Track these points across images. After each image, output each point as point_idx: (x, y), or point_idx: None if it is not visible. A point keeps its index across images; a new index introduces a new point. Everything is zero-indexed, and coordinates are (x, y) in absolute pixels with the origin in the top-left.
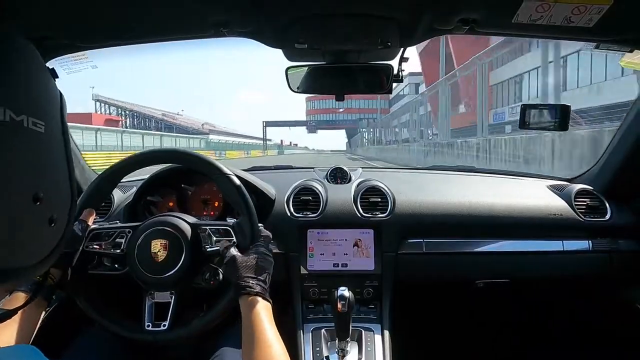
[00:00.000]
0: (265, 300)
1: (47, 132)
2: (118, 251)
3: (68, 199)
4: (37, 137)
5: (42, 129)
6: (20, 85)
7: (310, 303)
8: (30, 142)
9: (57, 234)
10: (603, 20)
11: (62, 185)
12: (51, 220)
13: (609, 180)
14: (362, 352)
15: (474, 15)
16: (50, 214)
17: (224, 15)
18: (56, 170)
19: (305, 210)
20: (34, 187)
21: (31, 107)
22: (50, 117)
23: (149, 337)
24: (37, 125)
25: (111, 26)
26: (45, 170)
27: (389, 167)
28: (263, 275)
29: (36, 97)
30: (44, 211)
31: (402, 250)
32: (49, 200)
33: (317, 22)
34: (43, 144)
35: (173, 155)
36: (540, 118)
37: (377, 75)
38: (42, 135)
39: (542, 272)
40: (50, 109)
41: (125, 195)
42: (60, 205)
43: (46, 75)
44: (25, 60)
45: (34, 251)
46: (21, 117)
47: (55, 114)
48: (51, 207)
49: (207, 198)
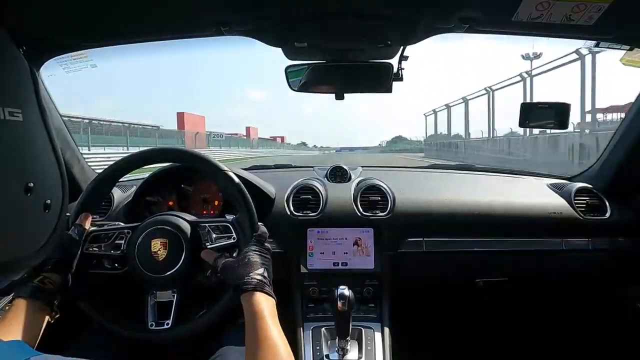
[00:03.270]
0: (265, 294)
1: (26, 119)
2: (117, 252)
3: (59, 181)
4: (17, 127)
5: (20, 117)
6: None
7: (310, 302)
8: (11, 134)
9: (52, 219)
10: (603, 18)
11: (51, 169)
12: (46, 206)
13: (609, 178)
14: (362, 350)
15: (474, 14)
16: (43, 201)
17: (223, 14)
18: (43, 156)
19: (305, 209)
20: (23, 178)
21: (4, 97)
22: (26, 102)
23: (154, 336)
24: (14, 115)
25: (111, 25)
26: (32, 159)
27: (388, 166)
28: (259, 270)
29: (7, 82)
30: (37, 199)
31: (402, 249)
32: (41, 188)
33: (317, 21)
34: (24, 132)
35: (173, 154)
36: (540, 116)
37: (377, 74)
38: (22, 123)
39: (542, 271)
40: (24, 91)
41: (124, 195)
42: (52, 190)
43: (13, 51)
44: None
45: (32, 240)
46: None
47: (30, 95)
48: (44, 194)
49: (206, 197)
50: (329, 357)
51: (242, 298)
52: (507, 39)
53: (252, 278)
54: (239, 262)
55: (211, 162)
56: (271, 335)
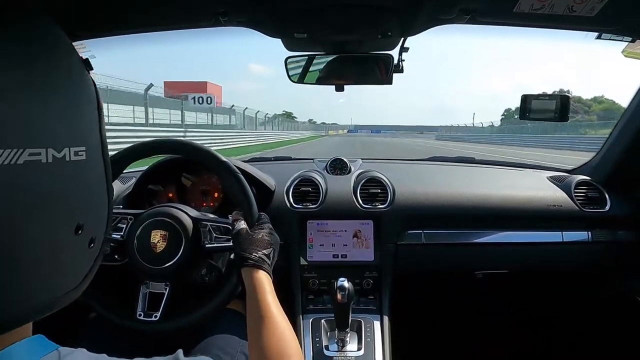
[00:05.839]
0: (267, 274)
1: (88, 158)
2: (118, 236)
3: (105, 217)
4: (80, 167)
5: (83, 155)
6: (60, 103)
7: (310, 294)
8: (73, 175)
9: (94, 253)
10: (605, 9)
11: (102, 207)
12: (91, 241)
13: (608, 171)
14: (362, 342)
15: (475, 5)
16: (90, 237)
17: (222, 4)
18: (97, 194)
19: (305, 201)
20: (76, 218)
21: (72, 135)
22: (90, 138)
23: (139, 326)
24: (78, 154)
25: (110, 16)
26: (88, 198)
27: (388, 159)
28: (268, 250)
29: (76, 117)
30: (85, 238)
31: (402, 241)
32: (90, 225)
33: (317, 11)
34: (85, 172)
35: (173, 146)
36: (541, 108)
37: (377, 65)
38: (84, 162)
39: (541, 263)
40: (89, 124)
41: (124, 186)
42: (99, 226)
43: (83, 75)
44: (69, 69)
45: (76, 275)
46: (63, 151)
47: (94, 127)
48: (91, 231)
49: (206, 189)
50: (329, 348)
51: (244, 271)
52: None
53: (259, 257)
54: (252, 236)
55: (211, 154)
56: (272, 309)
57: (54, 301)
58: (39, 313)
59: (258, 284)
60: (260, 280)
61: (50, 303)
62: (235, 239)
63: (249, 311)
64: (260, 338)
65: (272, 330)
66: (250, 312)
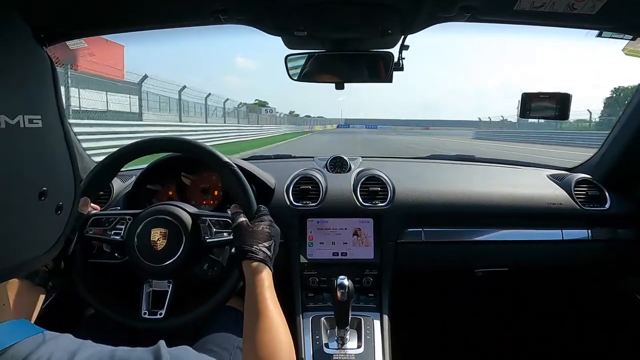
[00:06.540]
0: (267, 267)
1: (45, 126)
2: (117, 237)
3: (72, 184)
4: (36, 134)
5: (39, 123)
6: (14, 78)
7: (309, 292)
8: (30, 142)
9: (62, 221)
10: (606, 7)
11: (66, 173)
12: (58, 208)
13: (608, 170)
14: (362, 340)
15: (475, 3)
16: (56, 204)
17: (222, 2)
18: (59, 161)
19: (305, 200)
20: (38, 184)
21: (26, 105)
22: (46, 107)
23: (145, 324)
24: (33, 122)
25: (109, 13)
26: (48, 164)
27: (388, 157)
28: (268, 242)
29: (31, 89)
30: (50, 203)
31: (402, 239)
32: (54, 192)
33: (317, 9)
34: (43, 138)
35: (173, 143)
36: (541, 106)
37: (377, 63)
38: (41, 130)
39: (541, 261)
40: (45, 95)
41: (124, 185)
42: (65, 193)
43: (37, 51)
44: (23, 46)
45: (43, 242)
46: (17, 118)
47: (50, 98)
48: (57, 197)
49: (206, 187)
50: (328, 346)
51: (244, 264)
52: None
53: (259, 250)
54: (252, 229)
55: (212, 152)
56: (268, 304)
57: (20, 265)
58: (4, 276)
59: (258, 278)
60: (260, 274)
61: (15, 267)
62: (235, 232)
63: (247, 304)
64: (255, 334)
65: (267, 327)
66: (248, 306)
